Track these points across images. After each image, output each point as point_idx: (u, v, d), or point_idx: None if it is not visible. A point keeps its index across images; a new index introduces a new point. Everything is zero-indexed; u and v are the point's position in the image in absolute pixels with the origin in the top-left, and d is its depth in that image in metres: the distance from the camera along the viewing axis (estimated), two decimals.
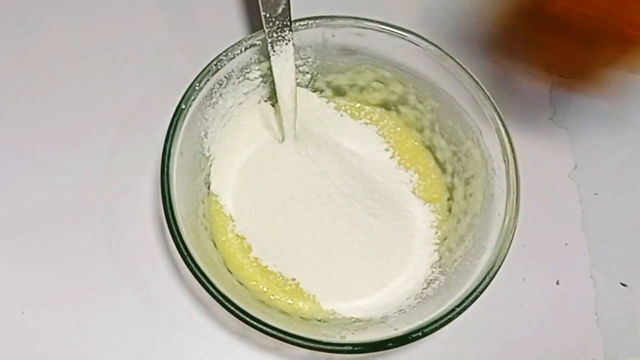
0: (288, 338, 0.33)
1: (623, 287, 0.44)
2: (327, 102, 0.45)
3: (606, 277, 0.44)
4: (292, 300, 0.40)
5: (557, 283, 0.43)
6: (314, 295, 0.40)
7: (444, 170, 0.43)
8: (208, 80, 0.37)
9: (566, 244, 0.44)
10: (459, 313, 0.33)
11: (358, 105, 0.45)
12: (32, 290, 0.41)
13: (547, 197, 0.45)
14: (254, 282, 0.40)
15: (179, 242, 0.34)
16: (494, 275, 0.34)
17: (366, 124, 0.45)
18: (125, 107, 0.46)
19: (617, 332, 0.42)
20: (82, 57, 0.47)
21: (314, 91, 0.44)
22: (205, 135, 0.40)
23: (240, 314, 0.33)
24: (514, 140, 0.37)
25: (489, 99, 0.38)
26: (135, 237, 0.43)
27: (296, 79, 0.40)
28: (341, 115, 0.45)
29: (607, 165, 0.47)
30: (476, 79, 0.38)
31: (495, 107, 0.38)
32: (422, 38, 0.39)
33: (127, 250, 0.42)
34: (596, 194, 0.46)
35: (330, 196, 0.41)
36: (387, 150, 0.44)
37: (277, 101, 0.40)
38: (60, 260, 0.42)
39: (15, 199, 0.43)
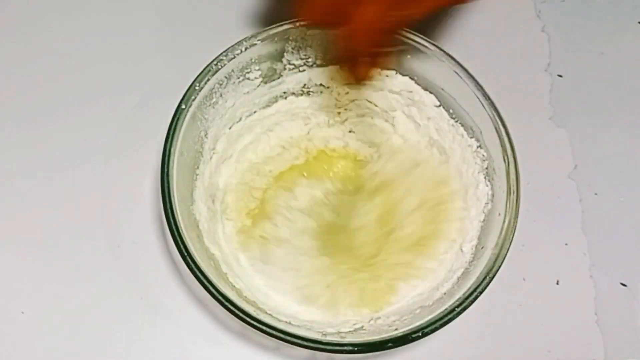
0: (288, 338, 0.33)
1: (623, 287, 0.43)
2: None
3: (606, 277, 0.43)
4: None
5: (557, 283, 0.43)
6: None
7: None
8: (208, 80, 0.37)
9: (566, 244, 0.44)
10: (459, 313, 0.33)
11: None
12: (32, 290, 0.41)
13: (547, 197, 0.45)
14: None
15: (179, 242, 0.34)
16: (493, 276, 0.34)
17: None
18: (125, 107, 0.46)
19: (617, 332, 0.42)
20: (82, 57, 0.47)
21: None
22: (206, 135, 0.40)
23: (240, 314, 0.33)
24: (514, 140, 0.37)
25: (489, 99, 0.38)
26: (135, 237, 0.43)
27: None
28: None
29: (607, 165, 0.47)
30: (476, 78, 0.38)
31: (495, 107, 0.38)
32: (423, 38, 0.39)
33: (127, 250, 0.42)
34: (596, 194, 0.46)
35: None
36: None
37: None
38: (60, 260, 0.42)
39: (15, 198, 0.43)
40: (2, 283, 0.41)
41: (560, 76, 0.49)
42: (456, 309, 0.33)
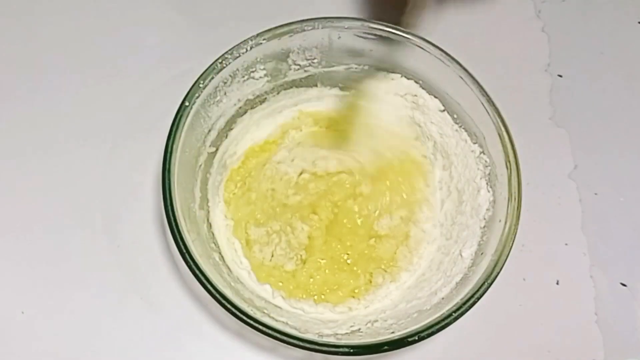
0: (285, 338, 0.33)
1: (623, 287, 0.44)
2: None
3: (606, 277, 0.44)
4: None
5: (557, 283, 0.43)
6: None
7: None
8: (213, 78, 0.37)
9: (566, 244, 0.44)
10: (456, 318, 0.33)
11: None
12: (32, 290, 0.41)
13: (547, 197, 0.45)
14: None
15: (178, 238, 0.34)
16: (492, 282, 0.34)
17: None
18: (126, 106, 0.46)
19: (617, 332, 0.42)
20: (83, 57, 0.47)
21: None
22: (209, 132, 0.40)
23: (238, 314, 0.33)
24: (514, 140, 0.37)
25: (493, 105, 0.37)
26: (135, 237, 0.43)
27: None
28: None
29: (607, 165, 0.47)
30: (481, 84, 0.38)
31: (499, 114, 0.37)
32: (428, 42, 0.38)
33: (127, 250, 0.42)
34: (596, 194, 0.46)
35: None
36: None
37: None
38: (61, 260, 0.42)
39: (15, 198, 0.43)
40: (2, 283, 0.41)
41: (560, 76, 0.49)
42: (453, 314, 0.33)
